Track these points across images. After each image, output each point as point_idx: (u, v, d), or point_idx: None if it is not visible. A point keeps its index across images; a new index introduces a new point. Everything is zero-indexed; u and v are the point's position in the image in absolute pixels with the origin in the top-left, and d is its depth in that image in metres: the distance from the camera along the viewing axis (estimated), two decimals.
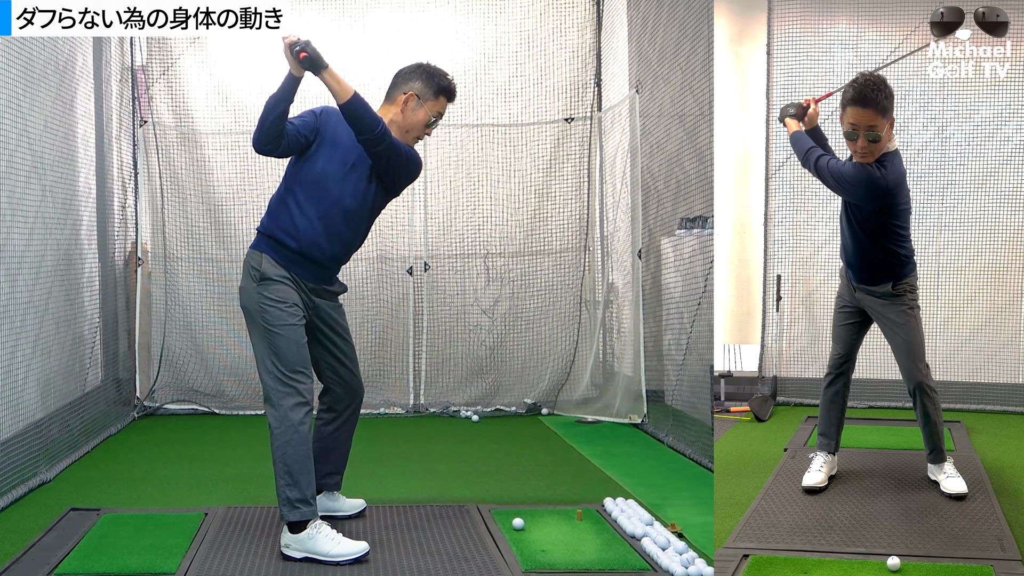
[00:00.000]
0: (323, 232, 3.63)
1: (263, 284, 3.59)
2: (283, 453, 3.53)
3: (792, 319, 6.98)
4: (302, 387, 3.57)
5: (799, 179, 6.84)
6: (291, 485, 3.52)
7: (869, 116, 3.91)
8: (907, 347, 4.25)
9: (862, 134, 3.94)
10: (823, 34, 6.84)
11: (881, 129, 3.93)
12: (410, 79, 3.73)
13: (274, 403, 3.54)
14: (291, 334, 3.58)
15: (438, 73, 3.75)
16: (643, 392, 6.35)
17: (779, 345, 6.97)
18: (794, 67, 6.85)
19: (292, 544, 3.48)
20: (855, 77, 4.00)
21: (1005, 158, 6.60)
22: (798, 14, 6.87)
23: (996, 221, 6.64)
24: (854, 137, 3.98)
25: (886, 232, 4.14)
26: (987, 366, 6.66)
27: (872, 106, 3.90)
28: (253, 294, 3.60)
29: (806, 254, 6.92)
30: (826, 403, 4.56)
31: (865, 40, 6.75)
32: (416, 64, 3.79)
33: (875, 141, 3.95)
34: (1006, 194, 6.61)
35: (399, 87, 3.75)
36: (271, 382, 3.55)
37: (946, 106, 6.64)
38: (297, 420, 3.54)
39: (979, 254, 6.67)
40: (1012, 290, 6.64)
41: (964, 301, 6.68)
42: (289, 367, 3.55)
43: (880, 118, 3.91)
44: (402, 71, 3.78)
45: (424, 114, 3.71)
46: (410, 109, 3.71)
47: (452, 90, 3.78)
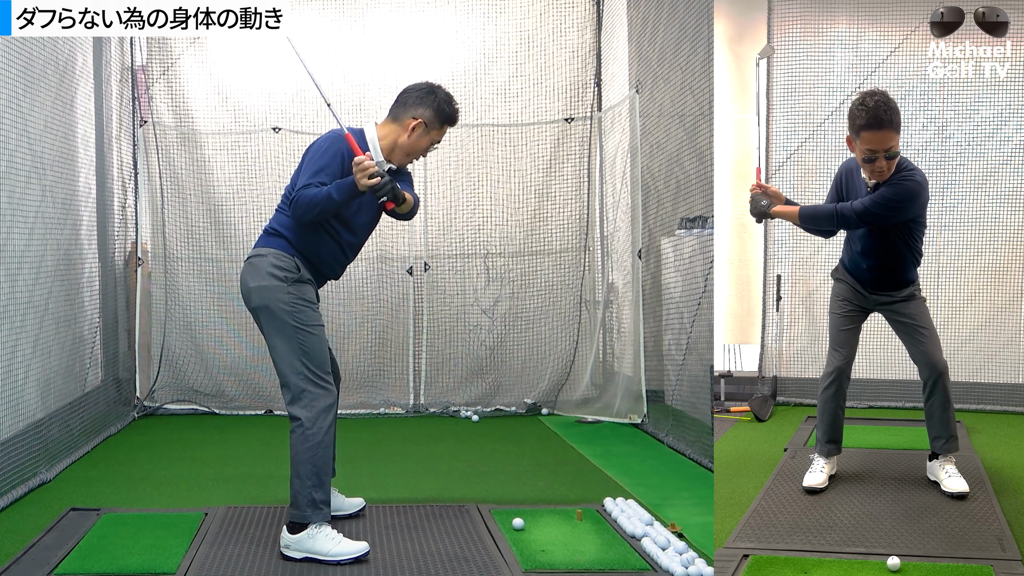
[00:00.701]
0: (336, 261, 3.77)
1: (296, 285, 3.60)
2: (313, 455, 3.50)
3: (792, 319, 6.98)
4: (333, 388, 3.62)
5: (799, 179, 6.84)
6: (317, 487, 3.51)
7: (887, 137, 3.92)
8: (931, 335, 4.30)
9: (881, 156, 3.95)
10: (823, 34, 6.84)
11: (897, 145, 3.94)
12: (421, 105, 3.73)
13: (307, 404, 3.52)
14: (320, 334, 3.62)
15: (446, 102, 3.77)
16: (643, 392, 6.35)
17: (779, 345, 6.97)
18: (794, 67, 6.85)
19: (292, 544, 3.48)
20: (859, 99, 3.98)
21: (1005, 158, 6.60)
22: (798, 14, 6.87)
23: (996, 221, 6.64)
24: (873, 159, 3.97)
25: (912, 232, 4.19)
26: (987, 366, 6.66)
27: (888, 127, 3.91)
28: (282, 294, 3.56)
29: (806, 254, 6.92)
30: (829, 406, 4.50)
31: (865, 40, 6.75)
32: (427, 88, 3.78)
33: (894, 158, 3.97)
34: (1006, 194, 6.61)
35: (408, 110, 3.74)
36: (302, 383, 3.53)
37: (946, 106, 6.64)
38: (330, 422, 3.57)
39: (979, 254, 6.67)
40: (1012, 290, 6.64)
41: (964, 301, 6.68)
42: (321, 368, 3.58)
43: (896, 136, 3.93)
44: (414, 92, 3.77)
45: (428, 141, 3.77)
46: (416, 135, 3.74)
47: (456, 119, 3.85)
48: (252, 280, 3.61)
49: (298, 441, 3.51)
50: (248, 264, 3.67)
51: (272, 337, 3.59)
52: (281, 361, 3.56)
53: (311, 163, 3.59)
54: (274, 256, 3.61)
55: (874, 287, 4.35)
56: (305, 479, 3.50)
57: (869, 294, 4.37)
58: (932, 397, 4.32)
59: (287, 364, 3.55)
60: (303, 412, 3.52)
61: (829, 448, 4.51)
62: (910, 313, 4.29)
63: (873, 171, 4.02)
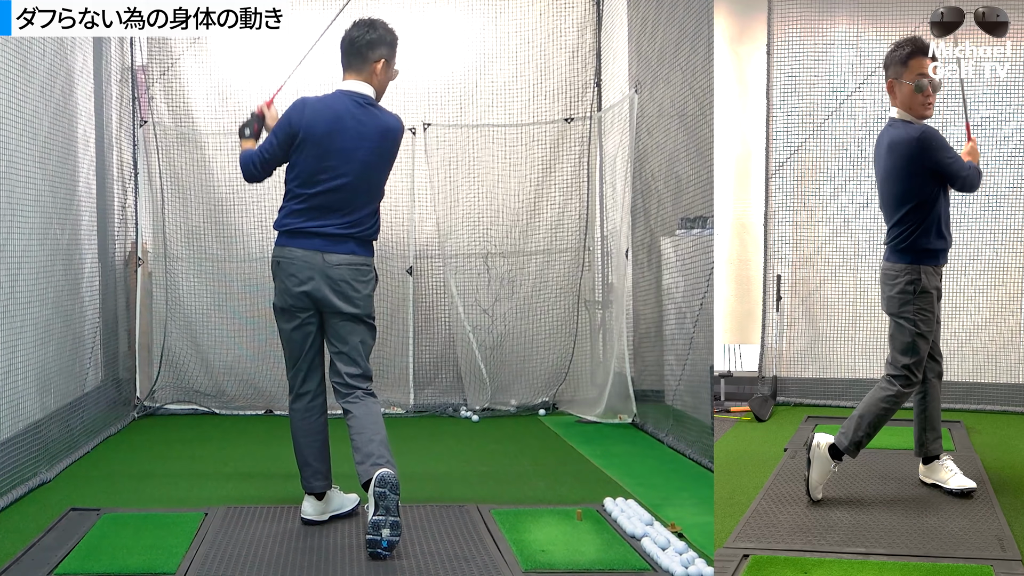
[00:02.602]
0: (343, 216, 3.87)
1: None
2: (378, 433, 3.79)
3: (792, 319, 6.98)
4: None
5: (799, 179, 6.85)
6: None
7: (929, 62, 4.08)
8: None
9: (933, 80, 4.08)
10: (823, 34, 6.83)
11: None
12: (374, 47, 3.88)
13: (374, 392, 3.90)
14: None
15: (387, 30, 3.98)
16: (631, 392, 6.36)
17: (779, 345, 6.97)
18: (794, 67, 6.85)
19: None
20: (901, 41, 4.11)
21: (1005, 158, 6.60)
22: (798, 14, 6.87)
23: (996, 221, 6.63)
24: (926, 86, 4.07)
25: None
26: (987, 366, 6.65)
27: (929, 53, 4.10)
28: (371, 295, 3.89)
29: (806, 254, 6.92)
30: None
31: (865, 40, 6.74)
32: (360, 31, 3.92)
33: (937, 89, 4.12)
34: (1006, 194, 6.61)
35: (365, 56, 3.87)
36: (369, 369, 3.91)
37: (946, 106, 6.63)
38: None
39: (979, 254, 6.66)
40: (1012, 290, 6.63)
41: (964, 301, 6.67)
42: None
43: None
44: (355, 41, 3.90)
45: (395, 72, 3.98)
46: (383, 72, 3.91)
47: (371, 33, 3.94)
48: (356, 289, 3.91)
49: (376, 416, 3.84)
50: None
51: (353, 335, 3.91)
52: (362, 354, 3.93)
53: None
54: (364, 260, 3.90)
55: (944, 258, 4.33)
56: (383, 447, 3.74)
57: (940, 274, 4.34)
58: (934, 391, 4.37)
59: (365, 355, 3.94)
60: (371, 400, 3.88)
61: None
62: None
63: (926, 100, 4.10)
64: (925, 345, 4.15)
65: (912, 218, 4.10)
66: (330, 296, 3.77)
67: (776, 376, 6.94)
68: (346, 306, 3.78)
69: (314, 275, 3.76)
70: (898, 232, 4.15)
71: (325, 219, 3.75)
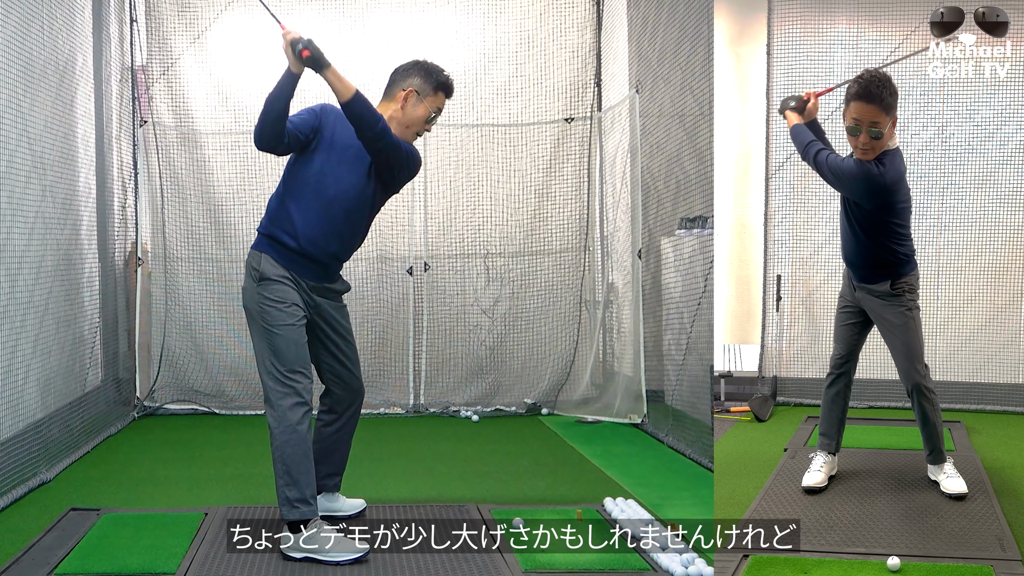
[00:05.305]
0: (322, 230, 3.63)
1: (263, 284, 3.60)
2: (282, 453, 3.53)
3: (792, 319, 6.98)
4: (300, 387, 3.57)
5: (799, 179, 6.84)
6: (290, 485, 3.52)
7: (872, 112, 3.90)
8: (905, 348, 4.23)
9: (864, 130, 3.93)
10: (823, 34, 6.83)
11: (884, 126, 3.92)
12: (409, 75, 3.74)
13: (273, 403, 3.55)
14: (289, 334, 3.59)
15: (436, 69, 3.77)
16: (643, 392, 6.35)
17: (779, 345, 6.96)
18: (794, 67, 6.84)
19: (292, 544, 3.48)
20: (861, 73, 3.99)
21: (1005, 158, 6.59)
22: (798, 14, 6.86)
23: (996, 221, 6.63)
24: (856, 132, 3.96)
25: (885, 230, 4.12)
26: (987, 366, 6.65)
27: (876, 102, 3.88)
28: (253, 294, 3.61)
29: (806, 254, 6.92)
30: (827, 403, 4.55)
31: (865, 40, 6.74)
32: (413, 61, 3.80)
33: (877, 138, 3.94)
34: (1006, 194, 6.61)
35: (398, 84, 3.76)
36: (270, 382, 3.56)
37: (946, 106, 6.64)
38: (295, 420, 3.54)
39: (979, 254, 6.66)
40: (1012, 290, 6.63)
41: (964, 301, 6.68)
42: (288, 367, 3.56)
43: (883, 115, 3.90)
44: (400, 68, 3.80)
45: (424, 110, 3.72)
46: (410, 105, 3.71)
47: (450, 85, 3.79)
48: (243, 281, 3.71)
49: (271, 440, 3.57)
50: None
51: (252, 336, 3.66)
52: (257, 360, 3.63)
53: None
54: (250, 256, 3.67)
55: (858, 279, 4.33)
56: (278, 477, 3.56)
57: (855, 290, 4.36)
58: (913, 409, 4.33)
59: (260, 363, 3.61)
60: (269, 411, 3.57)
61: (821, 440, 4.54)
62: (889, 319, 4.22)
63: (856, 145, 4.01)
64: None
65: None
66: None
67: (776, 376, 6.94)
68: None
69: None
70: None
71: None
